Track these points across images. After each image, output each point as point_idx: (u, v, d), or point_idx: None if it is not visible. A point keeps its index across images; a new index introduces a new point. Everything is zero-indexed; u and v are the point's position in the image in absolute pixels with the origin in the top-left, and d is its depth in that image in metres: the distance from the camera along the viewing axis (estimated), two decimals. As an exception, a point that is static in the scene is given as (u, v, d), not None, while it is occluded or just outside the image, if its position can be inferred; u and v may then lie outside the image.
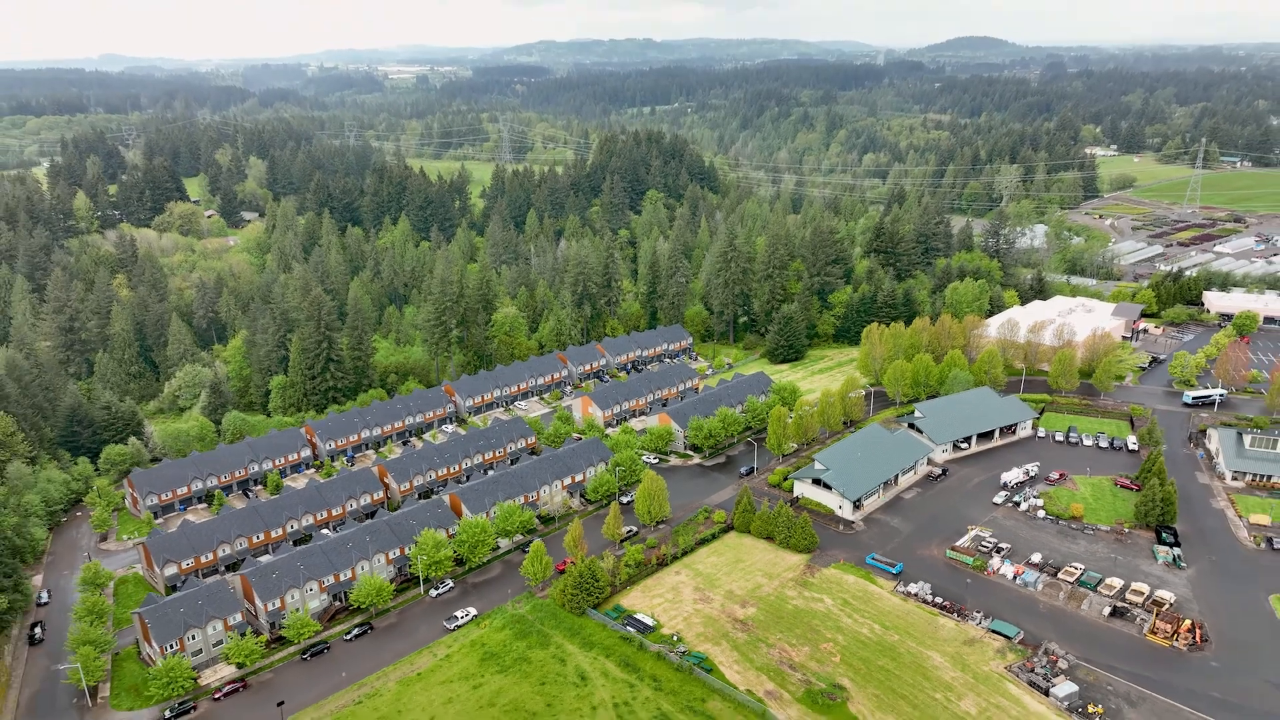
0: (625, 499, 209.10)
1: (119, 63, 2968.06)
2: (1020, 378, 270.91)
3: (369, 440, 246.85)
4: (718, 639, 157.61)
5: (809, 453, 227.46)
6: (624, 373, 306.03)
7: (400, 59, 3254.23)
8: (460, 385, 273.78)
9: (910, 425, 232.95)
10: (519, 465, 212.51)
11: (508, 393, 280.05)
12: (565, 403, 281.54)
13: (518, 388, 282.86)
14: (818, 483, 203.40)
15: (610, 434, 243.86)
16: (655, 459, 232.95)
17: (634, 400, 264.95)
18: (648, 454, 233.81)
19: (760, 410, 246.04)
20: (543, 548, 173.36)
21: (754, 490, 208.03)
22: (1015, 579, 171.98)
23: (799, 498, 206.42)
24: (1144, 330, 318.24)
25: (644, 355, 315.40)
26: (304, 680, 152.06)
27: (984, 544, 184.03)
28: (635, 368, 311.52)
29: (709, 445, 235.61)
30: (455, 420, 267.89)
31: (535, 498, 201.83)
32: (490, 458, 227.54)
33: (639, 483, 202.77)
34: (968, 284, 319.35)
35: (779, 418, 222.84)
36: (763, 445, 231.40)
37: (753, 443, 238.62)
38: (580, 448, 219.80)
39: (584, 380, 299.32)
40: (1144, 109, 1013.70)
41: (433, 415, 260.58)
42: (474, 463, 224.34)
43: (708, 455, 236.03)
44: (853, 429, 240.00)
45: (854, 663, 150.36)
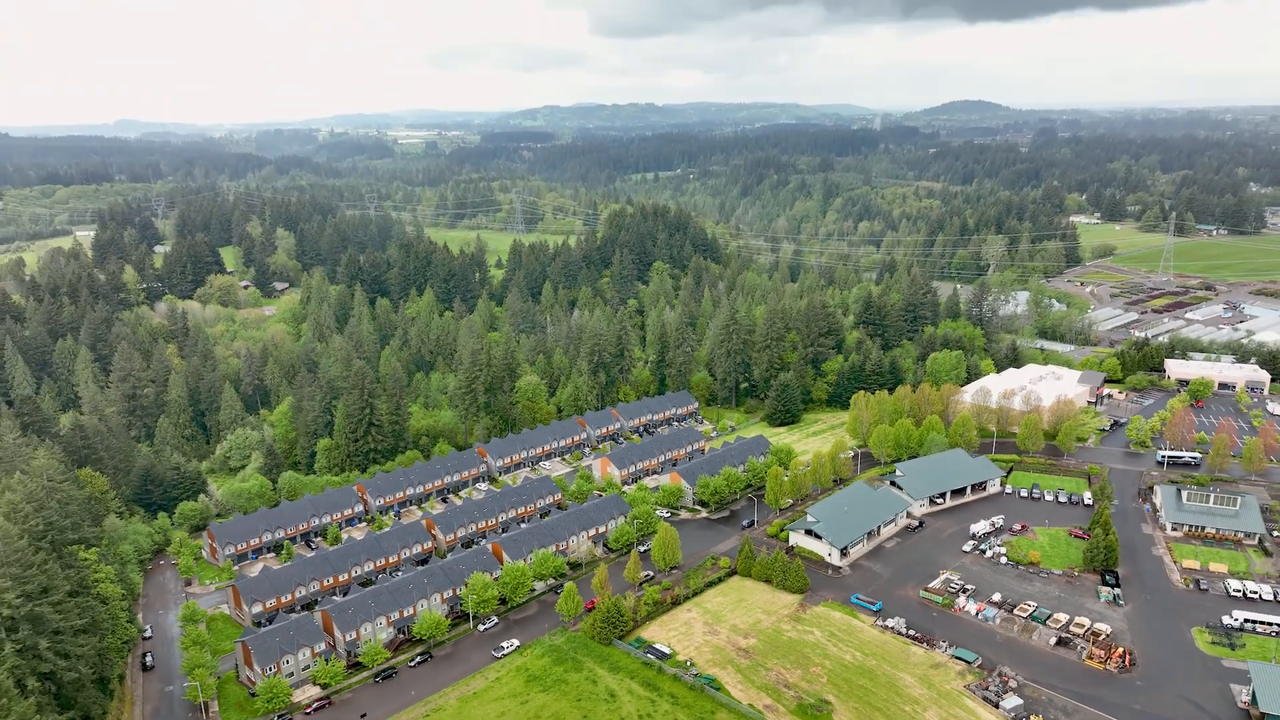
0: (643, 548, 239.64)
1: (135, 128, 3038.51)
2: (993, 439, 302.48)
3: (413, 497, 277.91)
4: (724, 664, 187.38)
5: (803, 507, 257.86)
6: (637, 435, 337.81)
7: (408, 123, 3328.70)
8: (491, 447, 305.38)
9: (892, 483, 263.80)
10: (549, 519, 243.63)
11: (534, 454, 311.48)
12: (585, 463, 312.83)
13: (542, 449, 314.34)
14: (810, 533, 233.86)
15: (627, 491, 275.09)
16: (668, 513, 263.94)
17: (647, 460, 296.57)
18: (661, 508, 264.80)
19: (760, 470, 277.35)
20: (574, 589, 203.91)
21: (754, 540, 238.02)
22: (978, 615, 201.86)
23: (793, 546, 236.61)
24: (1108, 395, 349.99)
25: (654, 419, 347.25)
26: (378, 699, 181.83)
27: (953, 585, 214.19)
28: (647, 430, 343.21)
29: (715, 501, 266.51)
30: (488, 479, 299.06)
31: (565, 546, 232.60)
32: (523, 512, 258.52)
33: (654, 534, 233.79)
34: (946, 354, 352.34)
35: (776, 476, 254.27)
36: (762, 500, 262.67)
37: (753, 498, 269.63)
38: (602, 503, 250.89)
39: (601, 442, 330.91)
40: (1128, 176, 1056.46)
41: (468, 474, 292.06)
42: (509, 516, 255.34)
43: (714, 509, 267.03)
44: (841, 486, 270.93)
45: (838, 682, 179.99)
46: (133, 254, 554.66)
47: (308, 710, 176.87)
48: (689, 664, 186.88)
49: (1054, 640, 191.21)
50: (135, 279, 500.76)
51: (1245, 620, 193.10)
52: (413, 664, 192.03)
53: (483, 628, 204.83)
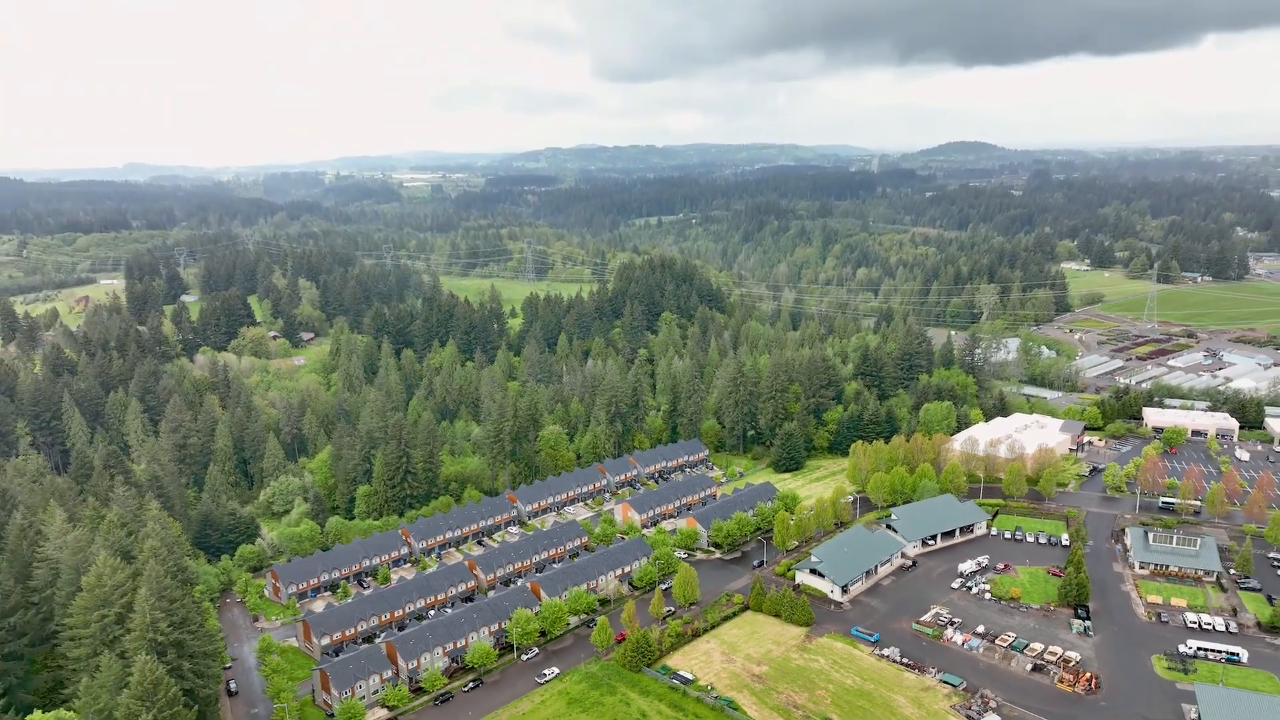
0: (664, 585, 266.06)
1: (143, 171, 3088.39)
2: (980, 485, 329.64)
3: (451, 540, 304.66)
4: (740, 688, 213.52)
5: (807, 548, 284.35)
6: (653, 481, 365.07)
7: (412, 165, 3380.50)
8: (520, 493, 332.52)
9: (888, 526, 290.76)
10: (579, 559, 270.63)
11: (559, 499, 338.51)
12: (607, 507, 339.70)
13: (567, 494, 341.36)
14: (814, 572, 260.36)
15: (647, 534, 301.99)
16: (685, 554, 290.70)
17: (664, 505, 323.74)
18: (679, 550, 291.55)
19: (768, 514, 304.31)
20: (606, 623, 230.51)
21: (764, 578, 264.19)
22: (964, 644, 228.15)
23: (800, 584, 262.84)
24: (1089, 443, 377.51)
25: (668, 465, 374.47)
26: (439, 718, 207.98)
27: (942, 619, 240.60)
28: (662, 476, 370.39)
29: (727, 543, 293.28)
30: (518, 523, 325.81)
31: (595, 584, 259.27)
32: (554, 553, 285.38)
33: (675, 573, 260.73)
34: (937, 405, 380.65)
35: (783, 520, 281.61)
36: (771, 542, 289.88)
37: (763, 540, 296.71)
38: (627, 545, 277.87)
39: (620, 488, 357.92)
40: (1118, 222, 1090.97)
41: (500, 519, 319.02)
42: (542, 557, 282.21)
43: (726, 551, 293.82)
44: (842, 528, 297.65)
45: (840, 704, 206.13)
46: (164, 305, 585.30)
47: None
48: (710, 688, 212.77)
49: (1030, 666, 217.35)
50: (173, 331, 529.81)
51: (1198, 648, 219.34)
52: (466, 689, 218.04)
53: (525, 657, 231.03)
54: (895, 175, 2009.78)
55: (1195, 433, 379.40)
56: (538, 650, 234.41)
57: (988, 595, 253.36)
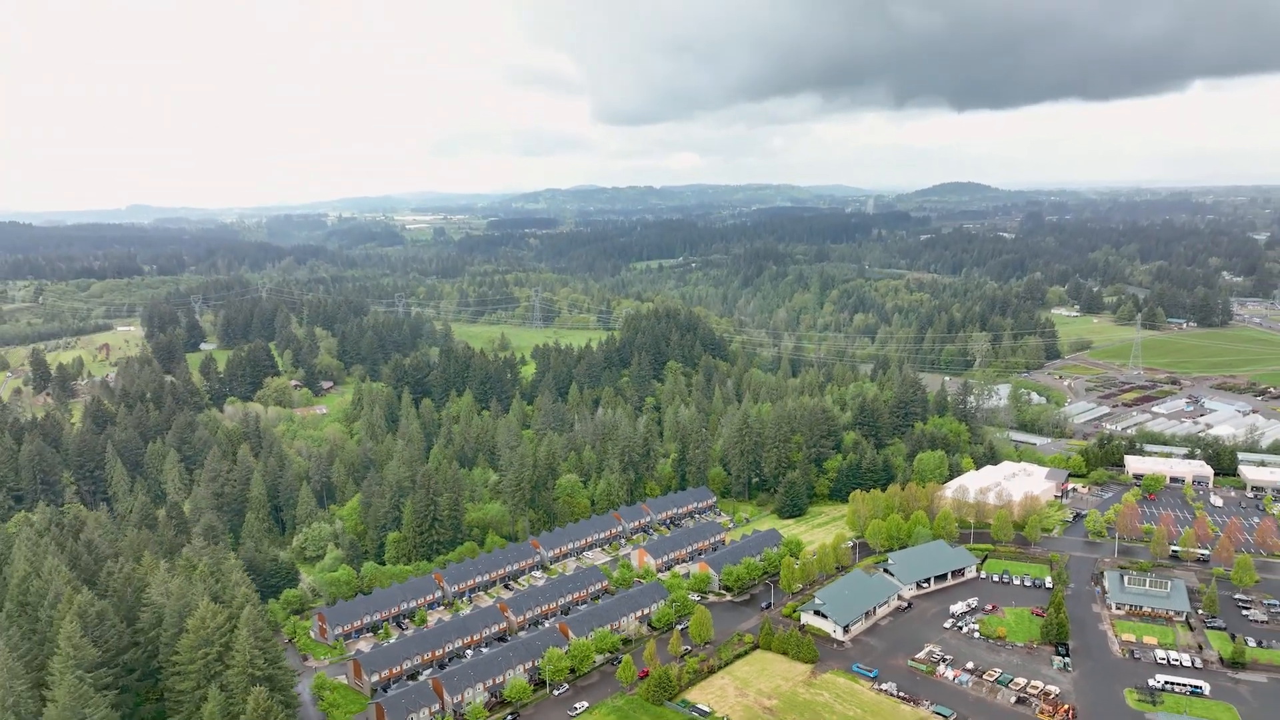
0: (681, 626, 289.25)
1: (147, 213, 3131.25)
2: (970, 530, 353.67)
3: (481, 584, 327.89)
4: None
5: (811, 591, 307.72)
6: (665, 527, 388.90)
7: (413, 207, 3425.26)
8: (543, 539, 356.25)
9: (885, 570, 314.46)
10: (601, 602, 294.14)
11: (578, 545, 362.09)
12: (623, 553, 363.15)
13: (585, 541, 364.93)
14: (818, 613, 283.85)
15: (663, 578, 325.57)
16: (698, 596, 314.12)
17: (678, 551, 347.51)
18: (693, 593, 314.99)
19: (774, 559, 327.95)
20: (630, 660, 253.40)
21: (772, 619, 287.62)
22: (954, 679, 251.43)
23: (804, 624, 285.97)
24: (1074, 489, 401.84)
25: (679, 512, 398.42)
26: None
27: (935, 656, 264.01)
28: (673, 522, 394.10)
29: (737, 586, 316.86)
30: (541, 567, 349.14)
31: (618, 625, 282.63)
32: (577, 596, 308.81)
33: (690, 615, 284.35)
34: (930, 455, 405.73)
35: (788, 565, 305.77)
36: (777, 585, 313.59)
37: (769, 583, 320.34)
38: (645, 589, 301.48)
39: (634, 534, 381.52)
40: (1107, 267, 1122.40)
41: (525, 564, 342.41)
42: (566, 600, 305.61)
43: (736, 593, 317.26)
44: (843, 572, 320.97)
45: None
46: (186, 353, 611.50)
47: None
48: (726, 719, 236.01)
49: (1014, 699, 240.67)
50: (201, 381, 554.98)
51: (1166, 682, 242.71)
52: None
53: (557, 692, 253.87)
54: (890, 217, 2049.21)
55: (1173, 479, 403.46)
56: (568, 686, 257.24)
57: (977, 634, 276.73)
